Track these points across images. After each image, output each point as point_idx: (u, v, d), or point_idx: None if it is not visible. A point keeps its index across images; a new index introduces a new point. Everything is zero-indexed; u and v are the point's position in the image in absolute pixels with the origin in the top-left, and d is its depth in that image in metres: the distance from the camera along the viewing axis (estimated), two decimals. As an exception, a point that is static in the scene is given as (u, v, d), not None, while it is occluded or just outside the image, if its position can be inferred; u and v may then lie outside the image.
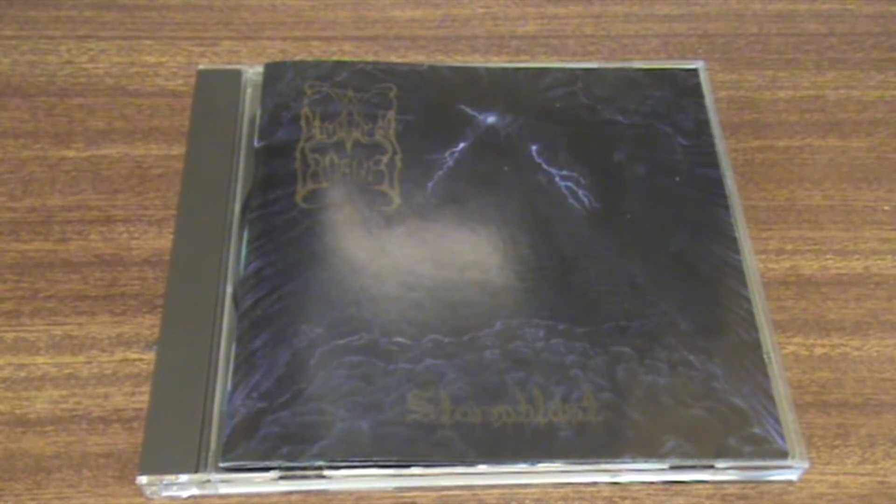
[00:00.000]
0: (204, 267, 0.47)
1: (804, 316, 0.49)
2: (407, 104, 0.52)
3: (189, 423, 0.42)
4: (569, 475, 0.43)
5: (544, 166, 0.50)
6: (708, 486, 0.44)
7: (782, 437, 0.43)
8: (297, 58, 0.56)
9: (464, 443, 0.42)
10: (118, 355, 0.46)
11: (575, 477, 0.43)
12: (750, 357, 0.45)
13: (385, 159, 0.50)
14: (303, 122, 0.51)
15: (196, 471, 0.42)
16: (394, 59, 0.57)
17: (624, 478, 0.43)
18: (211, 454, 0.42)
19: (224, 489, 0.43)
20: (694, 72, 0.54)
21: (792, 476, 0.44)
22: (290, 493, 0.43)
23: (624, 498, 0.44)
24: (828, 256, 0.51)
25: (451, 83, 0.53)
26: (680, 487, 0.44)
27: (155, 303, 0.48)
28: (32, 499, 0.43)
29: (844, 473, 0.44)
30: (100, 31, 0.58)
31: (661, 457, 0.42)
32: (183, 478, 0.42)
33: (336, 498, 0.43)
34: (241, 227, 0.48)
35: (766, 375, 0.44)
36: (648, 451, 0.42)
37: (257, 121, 0.52)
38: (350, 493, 0.43)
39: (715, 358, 0.45)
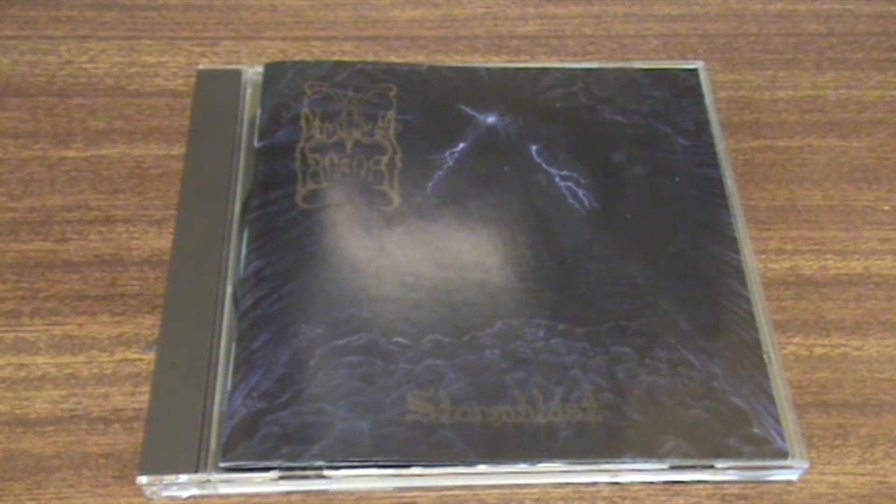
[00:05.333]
0: (204, 267, 0.47)
1: (804, 316, 0.49)
2: (407, 104, 0.52)
3: (189, 423, 0.42)
4: (569, 475, 0.43)
5: (544, 166, 0.50)
6: (708, 486, 0.44)
7: (782, 437, 0.43)
8: (297, 58, 0.56)
9: (464, 443, 0.42)
10: (118, 355, 0.46)
11: (575, 477, 0.43)
12: (750, 357, 0.45)
13: (385, 159, 0.50)
14: (303, 122, 0.51)
15: (196, 471, 0.42)
16: (394, 59, 0.57)
17: (624, 478, 0.43)
18: (211, 454, 0.42)
19: (224, 489, 0.43)
20: (694, 72, 0.54)
21: (792, 476, 0.44)
22: (290, 493, 0.43)
23: (624, 498, 0.44)
24: (828, 256, 0.51)
25: (451, 83, 0.53)
26: (680, 487, 0.44)
27: (155, 303, 0.48)
28: (32, 499, 0.43)
29: (844, 473, 0.44)
30: (100, 31, 0.58)
31: (661, 457, 0.42)
32: (183, 478, 0.42)
33: (336, 498, 0.43)
34: (241, 227, 0.48)
35: (766, 375, 0.44)
36: (648, 451, 0.42)
37: (257, 121, 0.52)
38: (350, 493, 0.43)
39: (715, 358, 0.45)
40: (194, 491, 0.43)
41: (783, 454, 0.43)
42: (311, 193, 0.49)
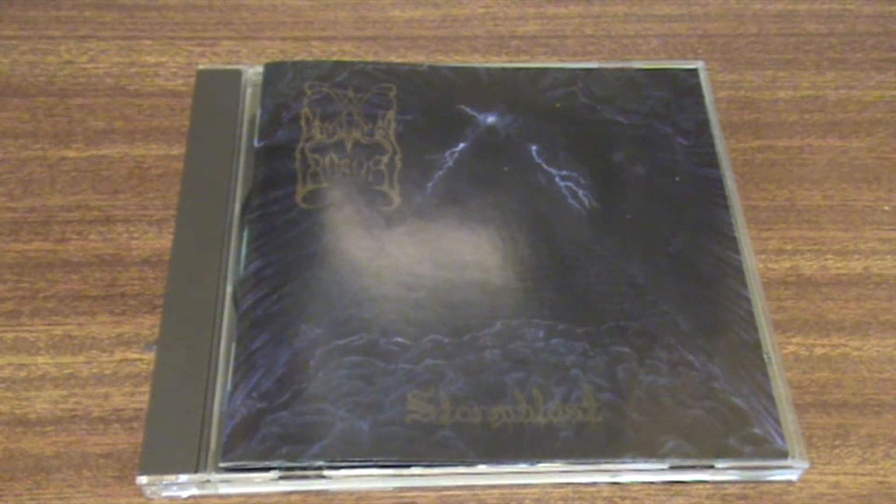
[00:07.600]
0: (204, 267, 0.47)
1: (804, 316, 0.49)
2: (407, 104, 0.52)
3: (189, 423, 0.42)
4: (569, 475, 0.43)
5: (544, 166, 0.50)
6: (708, 486, 0.44)
7: (782, 437, 0.43)
8: (297, 58, 0.56)
9: (464, 443, 0.42)
10: (118, 355, 0.46)
11: (575, 477, 0.43)
12: (750, 357, 0.45)
13: (385, 159, 0.50)
14: (303, 122, 0.51)
15: (196, 471, 0.42)
16: (394, 59, 0.57)
17: (624, 478, 0.43)
18: (211, 454, 0.42)
19: (224, 489, 0.43)
20: (694, 72, 0.54)
21: (792, 476, 0.44)
22: (290, 493, 0.43)
23: (624, 498, 0.44)
24: (828, 256, 0.51)
25: (451, 83, 0.53)
26: (680, 487, 0.44)
27: (155, 303, 0.48)
28: (32, 499, 0.43)
29: (844, 473, 0.44)
30: (100, 31, 0.58)
31: (661, 457, 0.42)
32: (183, 478, 0.42)
33: (336, 498, 0.43)
34: (241, 227, 0.48)
35: (766, 375, 0.44)
36: (648, 451, 0.42)
37: (257, 121, 0.52)
38: (350, 493, 0.43)
39: (715, 358, 0.45)
40: (194, 491, 0.43)
41: (783, 454, 0.43)
42: (311, 193, 0.49)
